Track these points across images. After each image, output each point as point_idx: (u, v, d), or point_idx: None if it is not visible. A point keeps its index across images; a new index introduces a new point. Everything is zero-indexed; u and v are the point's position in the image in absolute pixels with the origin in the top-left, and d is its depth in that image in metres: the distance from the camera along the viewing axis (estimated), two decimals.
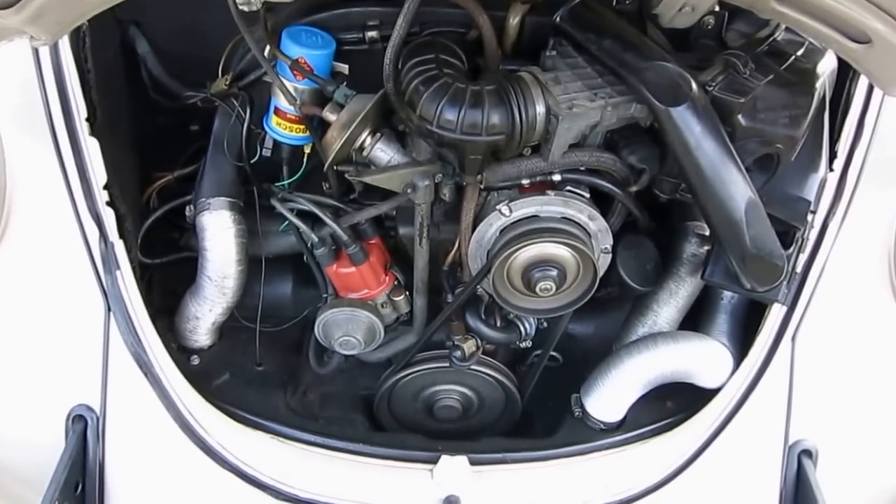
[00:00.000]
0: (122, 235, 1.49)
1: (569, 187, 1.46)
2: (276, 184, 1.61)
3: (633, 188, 1.48)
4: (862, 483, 1.64)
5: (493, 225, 1.48)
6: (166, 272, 1.75)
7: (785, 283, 1.49)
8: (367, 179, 1.44)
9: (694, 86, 1.28)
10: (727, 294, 1.70)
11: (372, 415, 1.82)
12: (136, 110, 1.70)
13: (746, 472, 1.60)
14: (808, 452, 1.57)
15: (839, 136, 1.51)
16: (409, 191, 1.42)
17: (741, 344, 1.65)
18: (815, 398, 1.59)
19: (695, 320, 1.72)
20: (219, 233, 1.59)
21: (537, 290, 1.43)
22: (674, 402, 1.70)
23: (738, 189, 1.32)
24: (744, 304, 1.70)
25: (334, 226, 1.53)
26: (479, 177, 1.41)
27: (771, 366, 1.57)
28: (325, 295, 1.67)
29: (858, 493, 1.64)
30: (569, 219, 1.46)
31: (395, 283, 1.66)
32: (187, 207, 1.62)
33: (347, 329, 1.61)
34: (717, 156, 1.29)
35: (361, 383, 1.86)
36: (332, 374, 1.84)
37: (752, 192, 1.33)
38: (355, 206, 1.59)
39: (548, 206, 1.45)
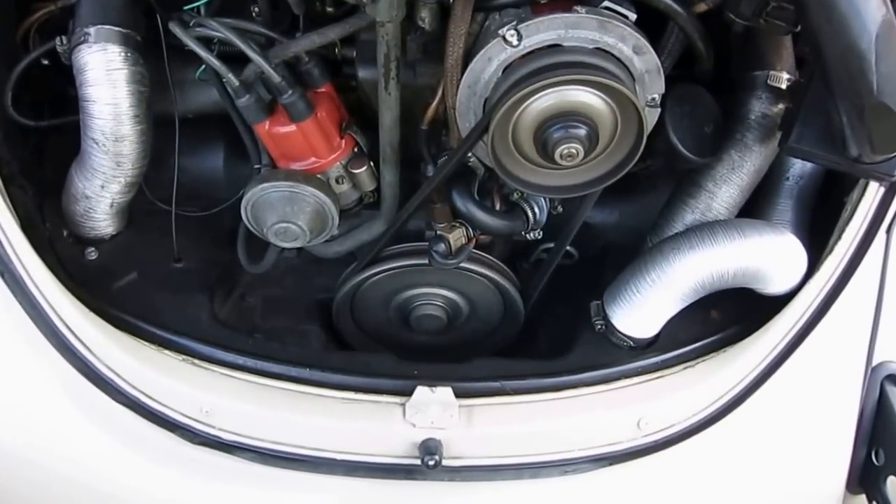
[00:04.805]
0: None
1: (606, 3, 1.13)
2: (186, 7, 1.30)
3: (701, 7, 1.17)
4: None
5: (493, 60, 1.16)
6: (62, 140, 1.50)
7: None
8: None
9: None
10: (793, 173, 1.46)
11: (331, 326, 1.60)
12: None
13: (816, 400, 1.41)
14: (893, 378, 1.41)
15: None
16: (366, 0, 1.08)
17: (808, 239, 1.42)
18: None
19: (747, 207, 1.47)
20: (104, 75, 1.30)
21: (556, 157, 1.13)
22: (719, 312, 1.45)
23: (867, 4, 1.00)
24: (814, 188, 1.47)
25: (260, 60, 1.22)
26: None
27: (860, 266, 1.34)
28: (257, 166, 1.41)
29: None
30: (605, 51, 1.14)
31: (355, 149, 1.38)
32: (58, 39, 1.34)
33: (285, 213, 1.34)
34: None
35: (318, 284, 1.65)
36: (280, 274, 1.63)
37: (887, 8, 1.02)
38: None
39: (575, 29, 1.12)
